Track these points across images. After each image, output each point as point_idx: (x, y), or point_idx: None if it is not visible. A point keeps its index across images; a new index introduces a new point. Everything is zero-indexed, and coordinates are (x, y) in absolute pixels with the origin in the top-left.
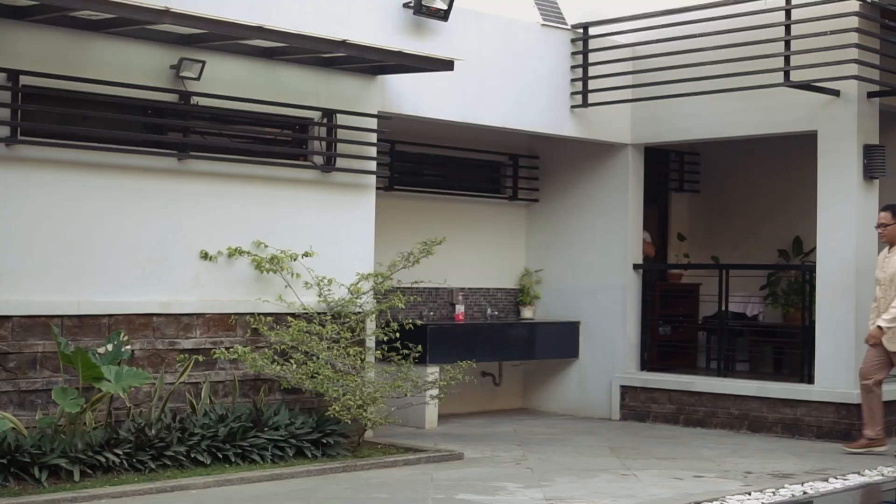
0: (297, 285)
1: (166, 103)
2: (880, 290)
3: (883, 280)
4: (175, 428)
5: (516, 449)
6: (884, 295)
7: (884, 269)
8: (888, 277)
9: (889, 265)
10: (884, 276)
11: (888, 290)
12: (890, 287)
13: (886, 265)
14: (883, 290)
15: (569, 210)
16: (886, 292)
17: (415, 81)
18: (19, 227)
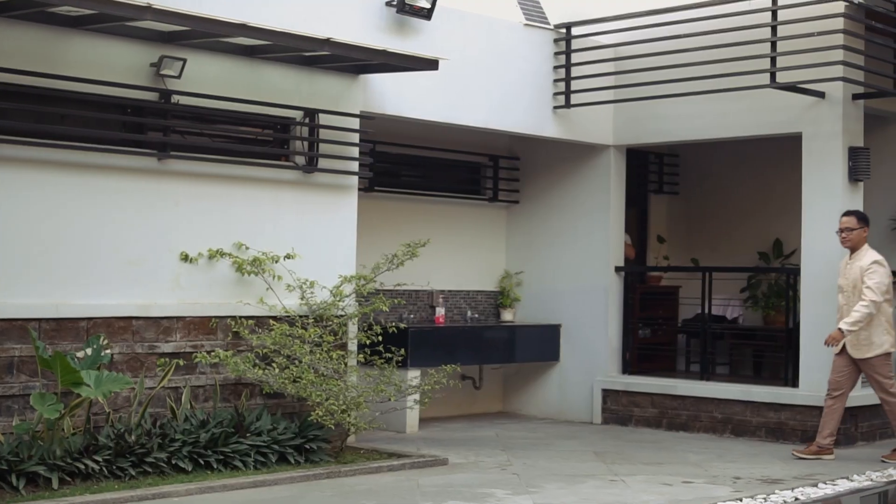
0: (278, 288)
1: (146, 102)
2: (843, 297)
3: (846, 287)
4: (155, 434)
5: (500, 454)
6: (846, 302)
7: (846, 275)
8: (850, 284)
9: (851, 272)
10: (846, 282)
11: (851, 296)
12: (853, 294)
13: (848, 272)
14: (846, 298)
15: (549, 212)
16: (849, 299)
17: (397, 81)
18: None
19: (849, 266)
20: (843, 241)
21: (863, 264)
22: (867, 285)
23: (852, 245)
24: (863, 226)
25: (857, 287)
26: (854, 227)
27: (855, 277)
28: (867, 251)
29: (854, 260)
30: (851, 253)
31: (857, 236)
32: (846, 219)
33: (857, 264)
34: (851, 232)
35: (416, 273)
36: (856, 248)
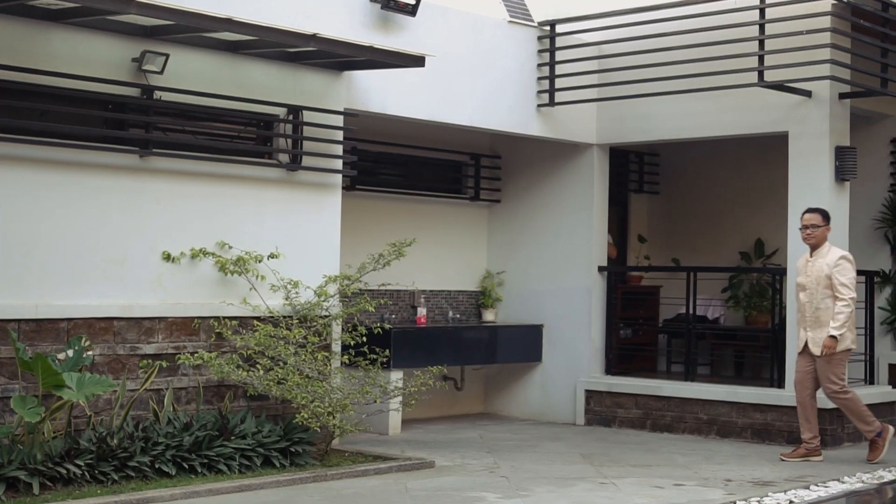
0: (262, 288)
1: (128, 98)
2: (805, 295)
3: (809, 285)
4: (138, 437)
5: (486, 456)
6: (809, 300)
7: (808, 273)
8: (814, 281)
9: (814, 269)
10: (809, 280)
11: (815, 294)
12: (817, 291)
13: (811, 269)
14: (809, 296)
15: (532, 211)
16: (813, 297)
17: (381, 78)
18: None
19: (810, 263)
20: (807, 238)
21: (829, 261)
22: (842, 283)
23: (816, 242)
24: (826, 223)
25: (821, 284)
26: (819, 224)
27: (819, 275)
28: (830, 248)
29: (816, 257)
30: (813, 250)
31: (821, 234)
32: (810, 216)
33: (821, 262)
34: (816, 229)
35: (397, 273)
36: (818, 246)
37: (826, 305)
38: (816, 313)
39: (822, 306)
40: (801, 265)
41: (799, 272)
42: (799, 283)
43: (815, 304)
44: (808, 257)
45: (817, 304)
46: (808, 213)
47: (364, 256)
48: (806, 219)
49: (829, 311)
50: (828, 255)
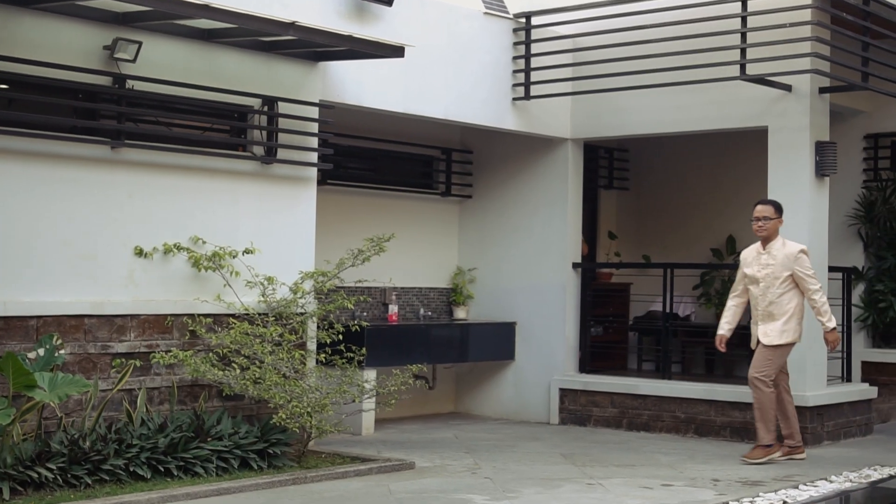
0: (236, 284)
1: (99, 87)
2: (758, 289)
3: (762, 278)
4: (111, 439)
5: (465, 456)
6: (762, 293)
7: (763, 266)
8: (770, 275)
9: (768, 263)
10: (763, 273)
11: (769, 288)
12: (772, 285)
13: (765, 262)
14: (762, 290)
15: (504, 207)
16: (766, 291)
17: (357, 69)
18: None
19: (762, 256)
20: (759, 230)
21: (788, 253)
22: (807, 274)
23: (767, 234)
24: (779, 216)
25: (778, 278)
26: (771, 216)
27: (775, 269)
28: (785, 241)
29: (770, 250)
30: (764, 243)
31: (773, 226)
32: (762, 207)
33: (777, 255)
34: (768, 221)
35: (368, 269)
36: (770, 238)
37: (781, 300)
38: (770, 308)
39: (777, 301)
40: (751, 257)
41: (748, 263)
42: (749, 276)
43: (768, 299)
44: (759, 249)
45: (772, 298)
46: (759, 204)
47: (333, 252)
48: (758, 210)
49: (782, 305)
50: (784, 248)
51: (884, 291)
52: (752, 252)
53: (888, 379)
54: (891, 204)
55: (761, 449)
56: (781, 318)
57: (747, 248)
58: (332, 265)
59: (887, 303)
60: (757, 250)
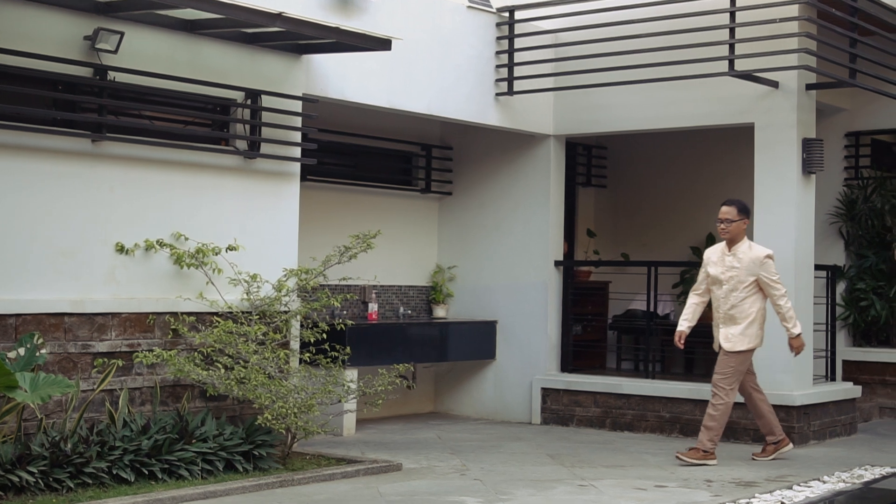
0: (219, 282)
1: (80, 78)
2: (721, 290)
3: (726, 280)
4: (94, 441)
5: (451, 457)
6: (725, 296)
7: (727, 268)
8: (734, 278)
9: (733, 265)
10: (727, 275)
11: (732, 291)
12: (735, 289)
13: (730, 264)
14: (725, 292)
15: (484, 204)
16: (729, 293)
17: (341, 63)
18: None
19: (727, 258)
20: (722, 232)
21: (754, 257)
22: (774, 280)
23: (731, 237)
24: (743, 217)
25: (743, 282)
26: (734, 218)
27: (740, 272)
28: (751, 244)
29: (736, 252)
30: (730, 245)
31: (737, 228)
32: (726, 209)
33: (742, 258)
34: (731, 224)
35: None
36: (735, 241)
37: (744, 304)
38: (731, 311)
39: (740, 304)
40: (716, 257)
41: (712, 263)
42: (713, 276)
43: (731, 302)
44: (724, 250)
45: (734, 302)
46: (724, 205)
47: (311, 250)
48: (721, 212)
49: (744, 309)
50: (750, 251)
51: (865, 290)
52: (718, 252)
53: (869, 378)
54: (872, 202)
55: (697, 451)
56: (743, 323)
57: (712, 246)
58: (318, 262)
59: (869, 301)
60: (722, 251)
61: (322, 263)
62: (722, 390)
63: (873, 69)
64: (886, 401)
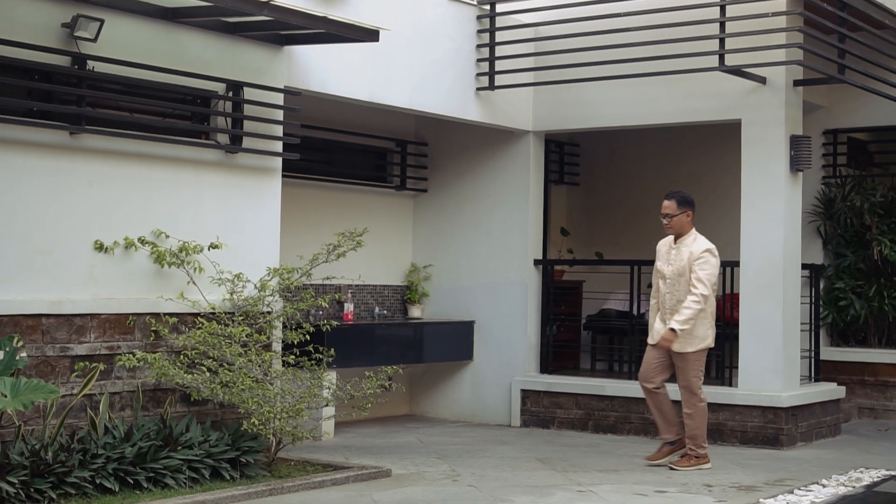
0: (200, 281)
1: (57, 67)
2: (665, 285)
3: (670, 274)
4: (75, 449)
5: (439, 462)
6: (670, 291)
7: (670, 262)
8: (676, 272)
9: (677, 258)
10: (671, 269)
11: (676, 285)
12: (678, 282)
13: (674, 258)
14: (669, 286)
15: (461, 201)
16: (674, 288)
17: (323, 55)
18: None
19: (674, 251)
20: (666, 227)
21: (693, 251)
22: (698, 277)
23: (676, 231)
24: (685, 210)
25: (683, 276)
26: (674, 212)
27: (682, 265)
28: (696, 237)
29: (680, 245)
30: (676, 238)
31: (679, 221)
32: (666, 202)
33: (685, 251)
34: (672, 218)
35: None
36: (681, 234)
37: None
38: (677, 306)
39: (684, 298)
40: (664, 251)
41: (660, 257)
42: (659, 270)
43: (675, 297)
44: (671, 243)
45: (679, 296)
46: (665, 200)
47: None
48: (663, 206)
49: None
50: (693, 244)
51: (844, 289)
52: (666, 246)
53: (847, 378)
54: (851, 201)
55: (687, 458)
56: (694, 322)
57: (663, 240)
58: (306, 261)
59: (848, 301)
60: (669, 244)
61: (309, 262)
62: (694, 397)
63: (861, 66)
64: (865, 401)
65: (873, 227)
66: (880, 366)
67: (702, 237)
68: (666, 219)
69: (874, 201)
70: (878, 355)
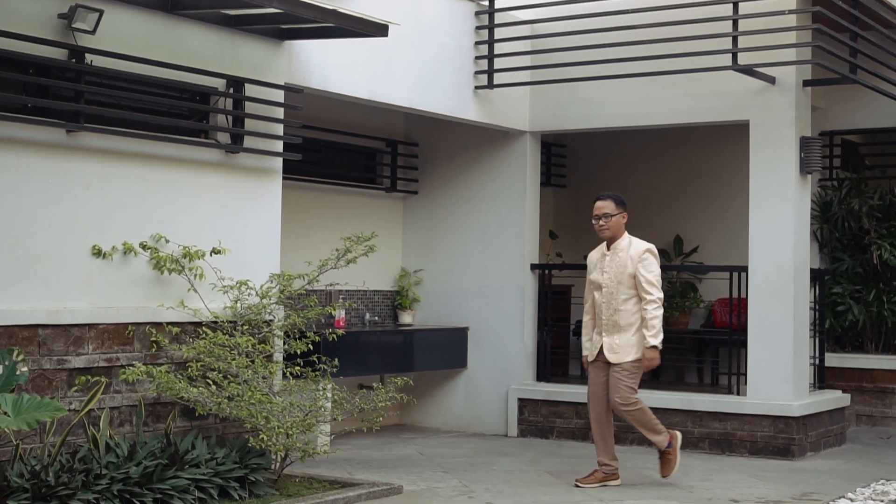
0: (201, 288)
1: (54, 61)
2: (601, 295)
3: (606, 283)
4: (77, 469)
5: (447, 477)
6: (607, 301)
7: (605, 269)
8: (613, 280)
9: (613, 265)
10: (607, 277)
11: (615, 294)
12: (616, 290)
13: (609, 265)
14: (606, 296)
15: (454, 204)
16: (612, 298)
17: (323, 51)
18: None
19: (608, 258)
20: (601, 229)
21: (633, 254)
22: (648, 281)
23: (611, 234)
24: (621, 210)
25: (622, 282)
26: (612, 212)
27: (620, 272)
28: (631, 240)
29: (615, 251)
30: (609, 243)
31: (616, 223)
32: (602, 203)
33: (622, 256)
34: (609, 219)
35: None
36: (615, 238)
37: (627, 307)
38: (615, 316)
39: (623, 308)
40: (596, 259)
41: (593, 268)
42: (593, 281)
43: (613, 306)
44: (604, 250)
45: (617, 305)
46: (598, 200)
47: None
48: (597, 207)
49: (629, 313)
50: (630, 248)
51: (842, 294)
52: (597, 254)
53: (846, 384)
54: (848, 204)
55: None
56: (629, 330)
57: (594, 249)
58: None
59: (846, 306)
60: (602, 252)
61: (317, 268)
62: (629, 406)
63: (870, 65)
64: (863, 408)
65: (872, 231)
66: (879, 372)
67: (636, 238)
68: (603, 219)
69: (872, 204)
70: (877, 361)
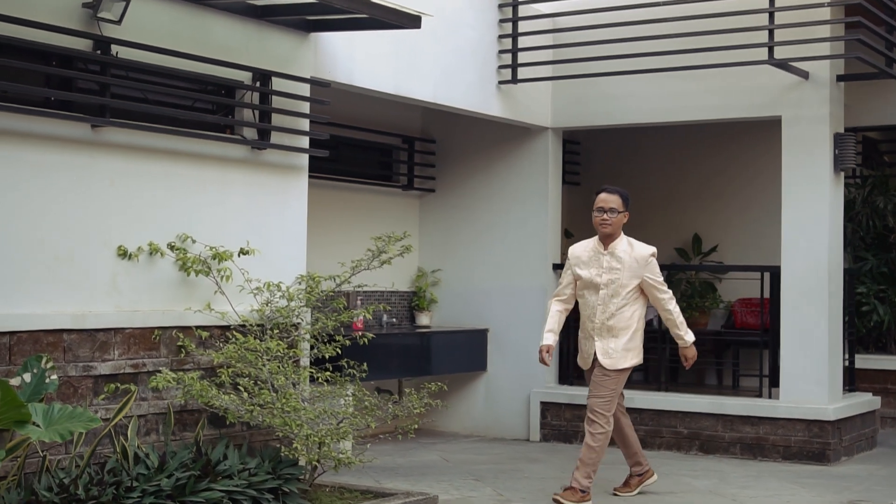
0: (228, 290)
1: (79, 52)
2: (598, 296)
3: (605, 285)
4: (107, 482)
5: (480, 485)
6: (604, 302)
7: (604, 269)
8: (617, 282)
9: (613, 265)
10: (605, 279)
11: (613, 296)
12: (616, 294)
13: (608, 265)
14: (604, 298)
15: (473, 202)
16: (608, 300)
17: (349, 44)
18: None
19: (604, 258)
20: (604, 223)
21: (638, 257)
22: (660, 281)
23: (612, 230)
24: (626, 209)
25: (625, 286)
26: (619, 208)
27: (623, 274)
28: (630, 241)
29: (614, 251)
30: (606, 241)
31: (619, 221)
32: (608, 196)
33: (623, 257)
34: (615, 215)
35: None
36: (614, 236)
37: (624, 312)
38: (610, 321)
39: (619, 313)
40: (587, 256)
41: (582, 263)
42: (586, 280)
43: (610, 310)
44: (598, 248)
45: (613, 309)
46: (605, 193)
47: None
48: (603, 200)
49: (624, 319)
50: (632, 251)
51: (867, 294)
52: (589, 250)
53: (870, 386)
54: (872, 202)
55: (573, 491)
56: (624, 335)
57: (579, 243)
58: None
59: (871, 306)
60: (595, 249)
61: (350, 269)
62: (602, 417)
63: None
64: (889, 410)
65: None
66: None
67: (634, 240)
68: (608, 214)
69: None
70: None
